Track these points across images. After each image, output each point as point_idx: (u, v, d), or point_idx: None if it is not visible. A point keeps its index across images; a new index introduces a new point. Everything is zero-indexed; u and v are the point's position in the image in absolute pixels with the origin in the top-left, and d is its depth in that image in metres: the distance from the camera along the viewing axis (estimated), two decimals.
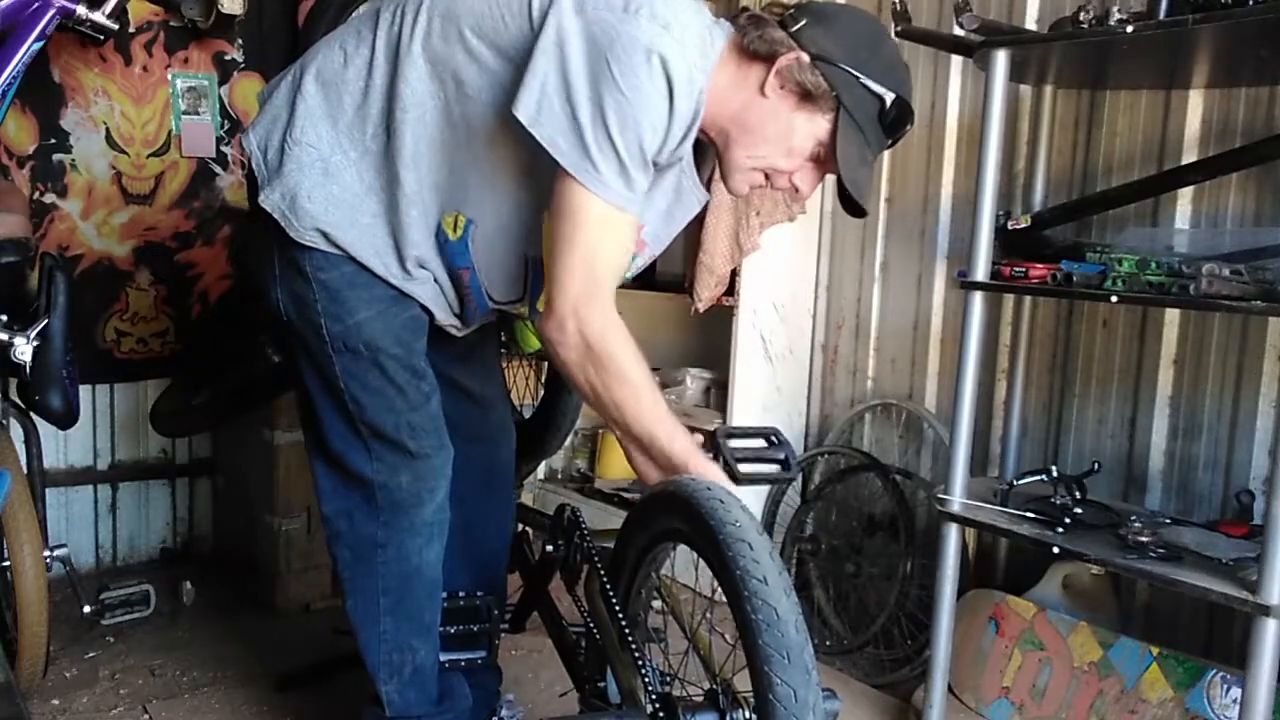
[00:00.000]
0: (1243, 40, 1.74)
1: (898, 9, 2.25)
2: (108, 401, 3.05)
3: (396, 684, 1.77)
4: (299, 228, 1.58)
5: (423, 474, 1.71)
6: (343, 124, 1.57)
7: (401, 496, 1.70)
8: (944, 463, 2.29)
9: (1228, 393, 2.18)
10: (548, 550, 1.74)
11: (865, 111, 1.45)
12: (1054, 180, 2.40)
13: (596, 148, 1.37)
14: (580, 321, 1.42)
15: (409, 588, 1.75)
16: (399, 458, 1.69)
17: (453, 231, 1.58)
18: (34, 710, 2.19)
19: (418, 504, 1.72)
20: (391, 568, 1.73)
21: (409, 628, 1.77)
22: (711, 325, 3.13)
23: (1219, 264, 1.69)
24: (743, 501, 1.32)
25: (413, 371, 1.67)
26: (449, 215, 1.57)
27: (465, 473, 1.86)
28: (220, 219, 3.07)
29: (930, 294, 2.75)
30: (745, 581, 1.19)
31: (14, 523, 2.04)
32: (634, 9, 1.37)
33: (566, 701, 1.87)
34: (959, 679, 2.27)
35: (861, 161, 1.47)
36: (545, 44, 1.38)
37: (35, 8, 2.07)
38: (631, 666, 1.44)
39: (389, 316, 1.63)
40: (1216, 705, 1.89)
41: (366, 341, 1.62)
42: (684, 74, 1.38)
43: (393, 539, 1.72)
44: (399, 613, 1.75)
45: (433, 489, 1.72)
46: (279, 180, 1.58)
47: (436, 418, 1.72)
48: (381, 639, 1.76)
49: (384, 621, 1.75)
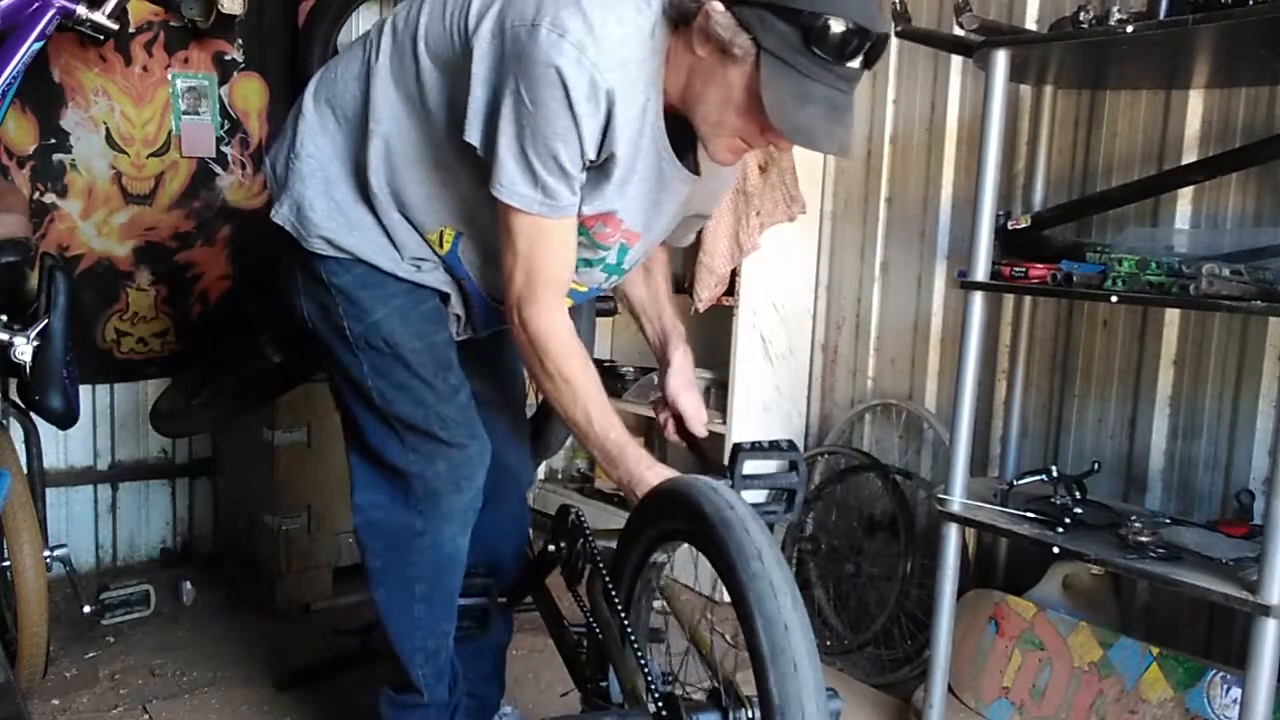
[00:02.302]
0: (1243, 40, 1.74)
1: (898, 9, 2.25)
2: (108, 401, 3.05)
3: (433, 668, 1.79)
4: (307, 237, 1.64)
5: (458, 462, 1.73)
6: (339, 137, 1.65)
7: (438, 485, 1.72)
8: (944, 463, 2.29)
9: (1228, 393, 2.18)
10: (548, 550, 1.74)
11: (789, 44, 1.34)
12: (1054, 180, 2.40)
13: (515, 163, 1.43)
14: (522, 319, 1.53)
15: (443, 574, 1.77)
16: (433, 447, 1.71)
17: (440, 247, 1.65)
18: (34, 710, 2.19)
19: (455, 491, 1.73)
20: (427, 554, 1.75)
21: (442, 613, 1.79)
22: (711, 325, 3.13)
23: (1219, 264, 1.69)
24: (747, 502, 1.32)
25: (437, 363, 1.70)
26: (432, 234, 1.64)
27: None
28: (220, 219, 3.07)
29: (930, 294, 2.75)
30: (749, 581, 1.19)
31: (14, 523, 2.04)
32: (536, 22, 1.39)
33: (567, 702, 1.87)
34: (959, 679, 2.27)
35: (802, 100, 1.36)
36: (477, 68, 1.44)
37: (35, 8, 2.07)
38: (634, 666, 1.44)
39: (405, 311, 1.67)
40: (1216, 705, 1.89)
41: (386, 338, 1.66)
42: (581, 78, 1.38)
43: (430, 526, 1.74)
44: (433, 599, 1.77)
45: (469, 476, 1.74)
46: (287, 194, 1.66)
47: (467, 409, 1.74)
48: (416, 625, 1.77)
49: (418, 608, 1.77)
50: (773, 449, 1.58)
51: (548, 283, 1.52)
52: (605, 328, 3.67)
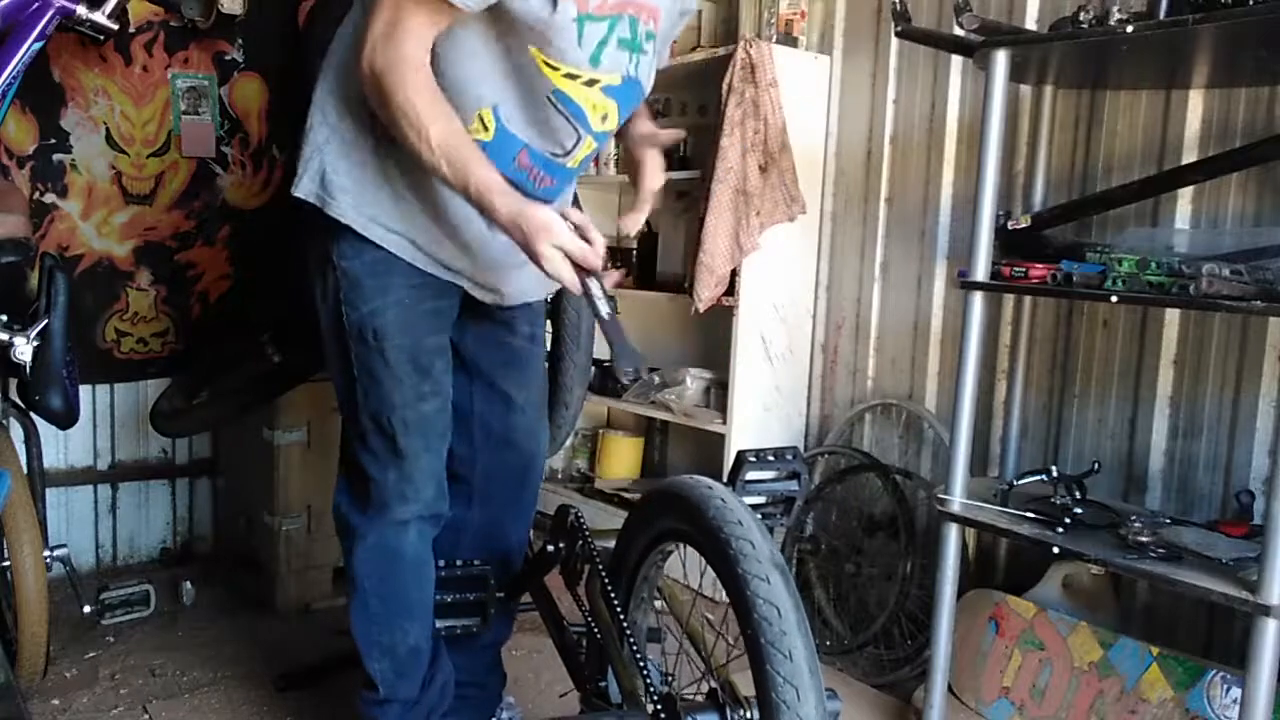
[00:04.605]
0: (1243, 40, 1.74)
1: (898, 9, 2.25)
2: (108, 401, 3.05)
3: (390, 663, 1.81)
4: (330, 201, 1.63)
5: (407, 473, 1.74)
6: (343, 93, 1.63)
7: (386, 493, 1.75)
8: (944, 463, 2.29)
9: (1228, 393, 2.18)
10: (547, 550, 1.75)
11: None
12: (1054, 180, 2.40)
13: None
14: (372, 58, 1.46)
15: (391, 570, 1.79)
16: (388, 453, 1.73)
17: (486, 132, 1.57)
18: (34, 710, 2.19)
19: (401, 501, 1.75)
20: (373, 554, 1.79)
21: (395, 608, 1.80)
22: (711, 325, 3.13)
23: (1219, 264, 1.69)
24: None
25: (415, 365, 1.70)
26: (474, 125, 1.57)
27: (496, 473, 1.93)
28: (220, 219, 3.08)
29: (930, 294, 2.75)
30: (748, 582, 1.19)
31: (14, 523, 2.04)
32: None
33: (567, 702, 1.87)
34: (959, 679, 2.27)
35: None
36: None
37: (35, 8, 2.06)
38: (633, 666, 1.44)
39: (404, 307, 1.68)
40: (1216, 705, 1.89)
41: (376, 329, 1.67)
42: None
43: (373, 529, 1.78)
44: (385, 594, 1.80)
45: (417, 488, 1.76)
46: (306, 168, 1.65)
47: (430, 420, 1.74)
48: (371, 619, 1.80)
49: (372, 602, 1.80)
50: (777, 459, 1.59)
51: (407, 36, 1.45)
52: None
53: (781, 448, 1.59)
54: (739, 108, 2.73)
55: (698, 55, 3.03)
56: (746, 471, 1.55)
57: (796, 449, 1.62)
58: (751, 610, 1.17)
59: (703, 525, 1.28)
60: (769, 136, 2.78)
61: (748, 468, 1.56)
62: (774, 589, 1.18)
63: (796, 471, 1.60)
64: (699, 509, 1.29)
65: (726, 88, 2.75)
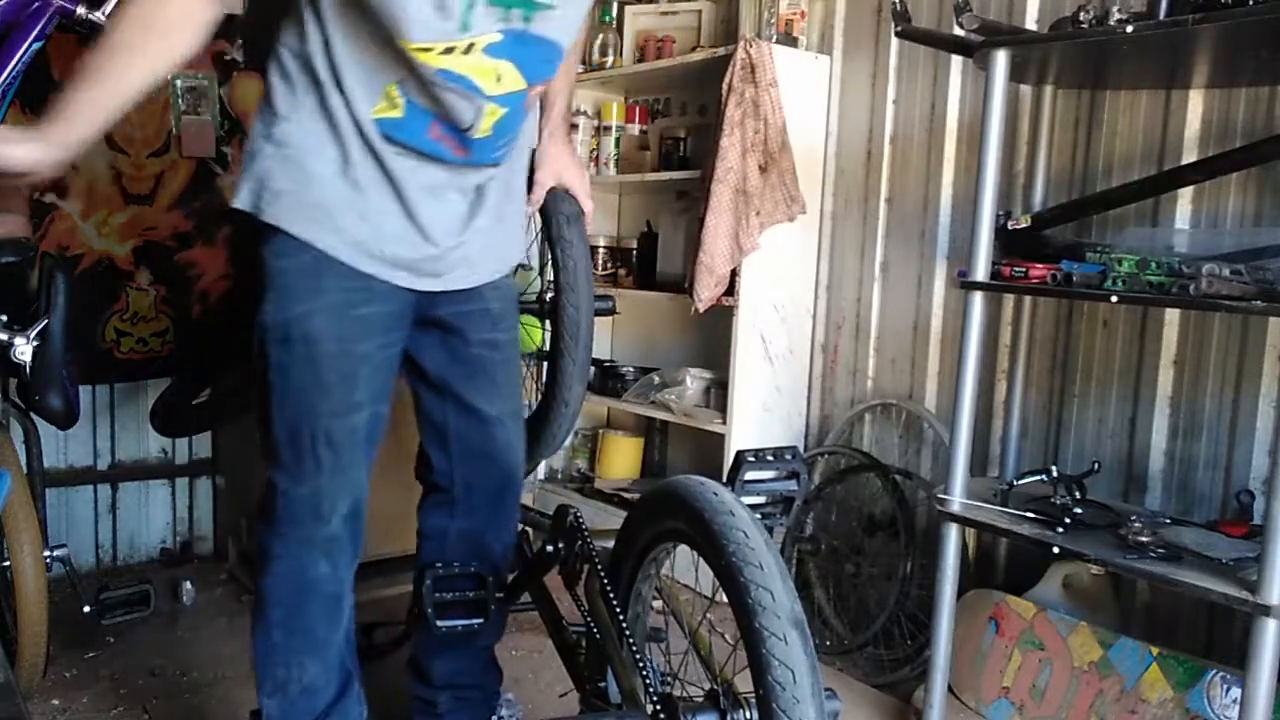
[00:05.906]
0: (1243, 40, 1.74)
1: (898, 9, 2.25)
2: (108, 401, 3.05)
3: (279, 701, 1.69)
4: (264, 208, 1.58)
5: (323, 489, 1.64)
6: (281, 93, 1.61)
7: (299, 509, 1.65)
8: (944, 463, 2.29)
9: (1228, 393, 2.18)
10: (546, 550, 1.74)
11: None
12: (1054, 180, 2.40)
13: None
14: None
15: (301, 603, 1.68)
16: (302, 467, 1.63)
17: (396, 110, 1.56)
18: (34, 710, 2.19)
19: (315, 518, 1.65)
20: (282, 580, 1.68)
21: (300, 644, 1.69)
22: (711, 325, 3.13)
23: (1219, 264, 1.69)
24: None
25: (342, 375, 1.62)
26: (382, 104, 1.56)
27: (477, 484, 1.86)
28: (220, 219, 3.07)
29: (930, 294, 2.75)
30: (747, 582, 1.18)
31: (14, 523, 2.04)
32: None
33: (567, 702, 1.87)
34: (959, 679, 2.27)
35: None
36: None
37: (35, 8, 2.07)
38: (632, 667, 1.44)
39: (337, 312, 1.60)
40: (1216, 705, 1.89)
41: (306, 334, 1.59)
42: None
43: (287, 551, 1.67)
44: (290, 626, 1.68)
45: (333, 505, 1.65)
46: (243, 179, 1.61)
47: (352, 434, 1.65)
48: (272, 649, 1.69)
49: (275, 632, 1.69)
50: (777, 459, 1.58)
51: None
52: (605, 327, 3.67)
53: (781, 448, 1.59)
54: (739, 108, 2.73)
55: (698, 55, 3.03)
56: (746, 471, 1.55)
57: (796, 449, 1.62)
58: (750, 611, 1.17)
59: (702, 526, 1.28)
60: (769, 136, 2.78)
61: (747, 468, 1.55)
62: (773, 590, 1.18)
63: (796, 471, 1.60)
64: (698, 509, 1.29)
65: (726, 88, 2.75)
